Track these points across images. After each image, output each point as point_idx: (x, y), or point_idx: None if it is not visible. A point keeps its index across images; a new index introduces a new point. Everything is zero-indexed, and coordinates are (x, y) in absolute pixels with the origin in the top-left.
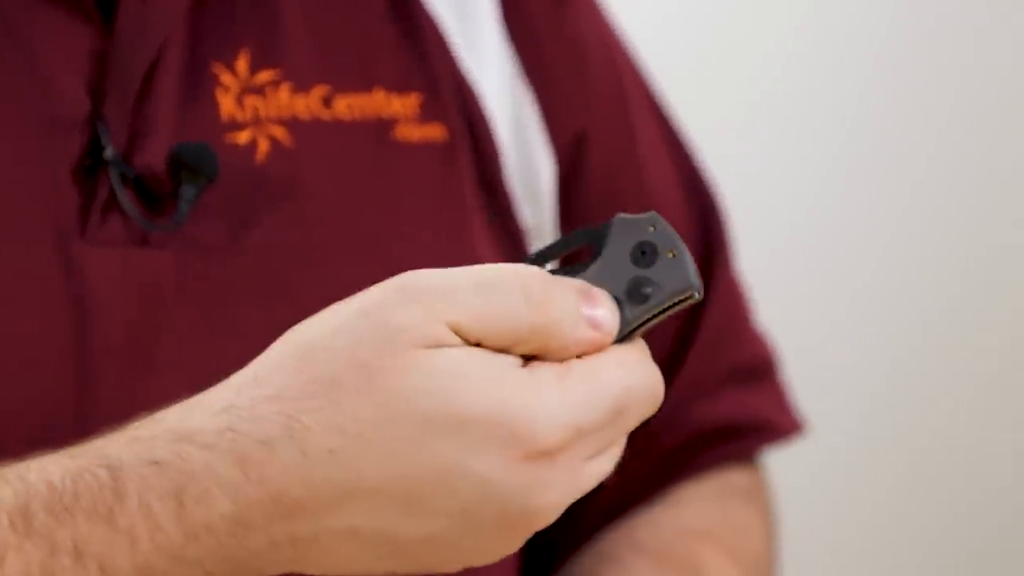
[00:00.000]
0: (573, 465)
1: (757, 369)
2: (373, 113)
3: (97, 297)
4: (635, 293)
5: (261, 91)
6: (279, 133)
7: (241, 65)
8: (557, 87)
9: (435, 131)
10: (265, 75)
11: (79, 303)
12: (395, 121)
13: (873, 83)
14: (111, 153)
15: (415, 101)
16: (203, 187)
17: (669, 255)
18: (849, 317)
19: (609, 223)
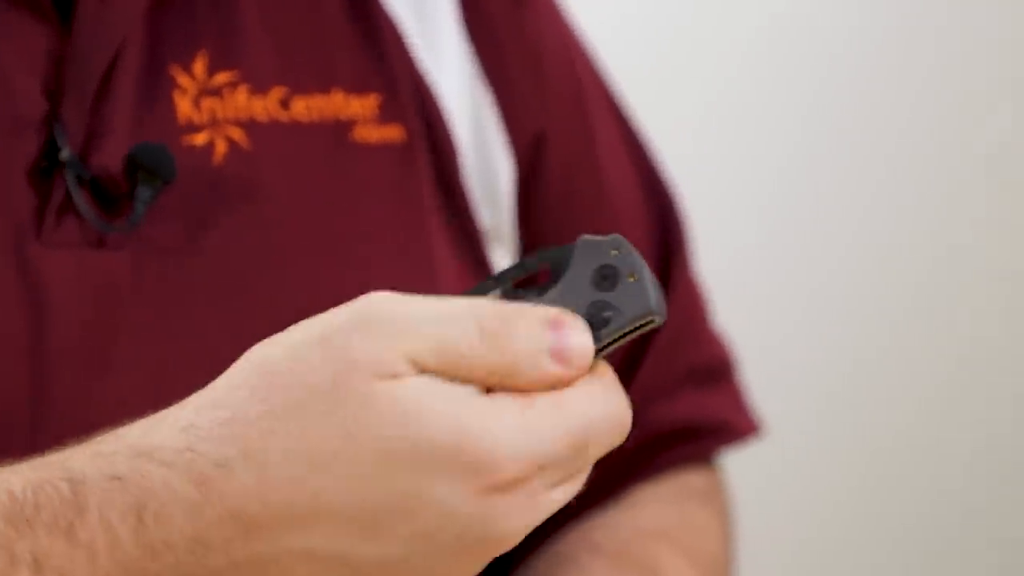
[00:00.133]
0: (534, 494)
1: (715, 370)
2: (331, 114)
3: (53, 299)
4: (595, 317)
5: (218, 93)
6: (236, 135)
7: (199, 67)
8: (516, 88)
9: (394, 132)
10: (223, 77)
11: (35, 305)
12: (353, 122)
13: (830, 84)
14: (67, 154)
15: (374, 102)
16: (159, 189)
17: (631, 279)
18: (807, 318)
19: (572, 245)
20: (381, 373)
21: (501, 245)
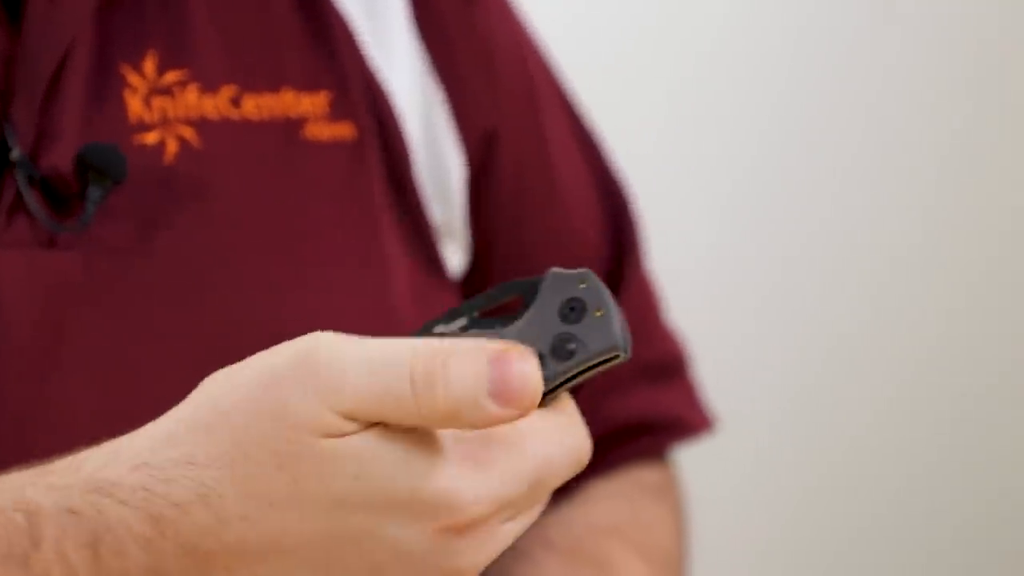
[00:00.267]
0: (491, 530)
1: (668, 366)
2: (282, 112)
3: (3, 299)
4: (560, 349)
5: (169, 92)
6: (187, 134)
7: (149, 66)
8: (467, 85)
9: (344, 129)
10: (173, 75)
11: None
12: (304, 120)
13: (786, 82)
14: (17, 154)
15: (324, 100)
16: (110, 188)
17: (597, 313)
18: (762, 315)
19: (542, 277)
20: (325, 432)
21: (453, 241)
